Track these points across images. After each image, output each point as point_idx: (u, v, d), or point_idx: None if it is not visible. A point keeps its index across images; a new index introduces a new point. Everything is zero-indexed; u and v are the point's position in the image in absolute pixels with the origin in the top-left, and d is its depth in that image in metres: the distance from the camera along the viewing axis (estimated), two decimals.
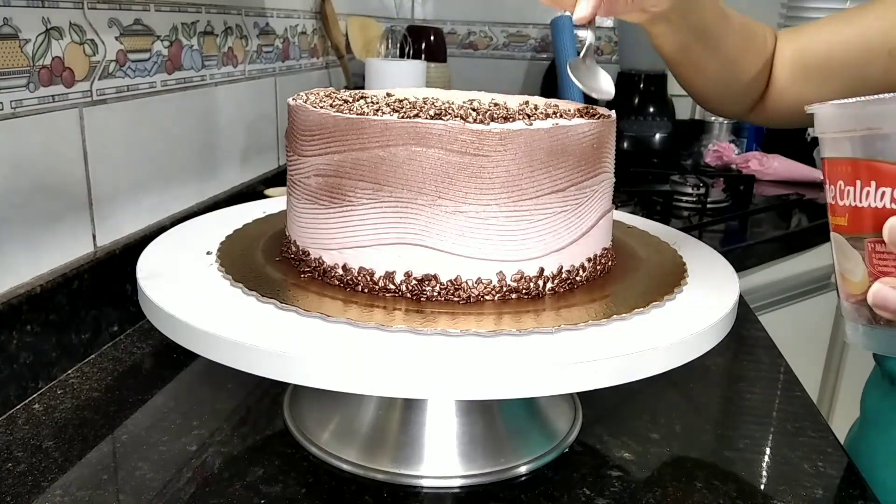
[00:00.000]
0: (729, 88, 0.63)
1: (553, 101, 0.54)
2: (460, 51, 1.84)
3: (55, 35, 0.58)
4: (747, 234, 1.15)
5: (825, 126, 0.37)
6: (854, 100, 0.35)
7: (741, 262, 1.05)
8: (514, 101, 0.53)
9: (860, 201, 0.34)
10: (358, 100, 0.49)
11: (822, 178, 0.38)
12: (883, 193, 0.33)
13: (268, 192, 0.95)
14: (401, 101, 0.48)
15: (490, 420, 0.50)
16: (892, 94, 0.33)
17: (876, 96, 0.34)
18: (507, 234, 0.43)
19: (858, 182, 0.34)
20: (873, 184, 0.33)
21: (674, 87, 1.49)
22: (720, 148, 1.49)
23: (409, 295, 0.43)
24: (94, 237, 0.65)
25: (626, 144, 1.49)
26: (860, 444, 0.65)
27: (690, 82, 0.63)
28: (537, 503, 0.45)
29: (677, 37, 0.57)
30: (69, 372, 0.59)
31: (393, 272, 0.43)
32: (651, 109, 1.51)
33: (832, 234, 0.38)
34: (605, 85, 0.50)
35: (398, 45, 1.42)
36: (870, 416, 0.66)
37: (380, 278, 0.44)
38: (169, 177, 0.77)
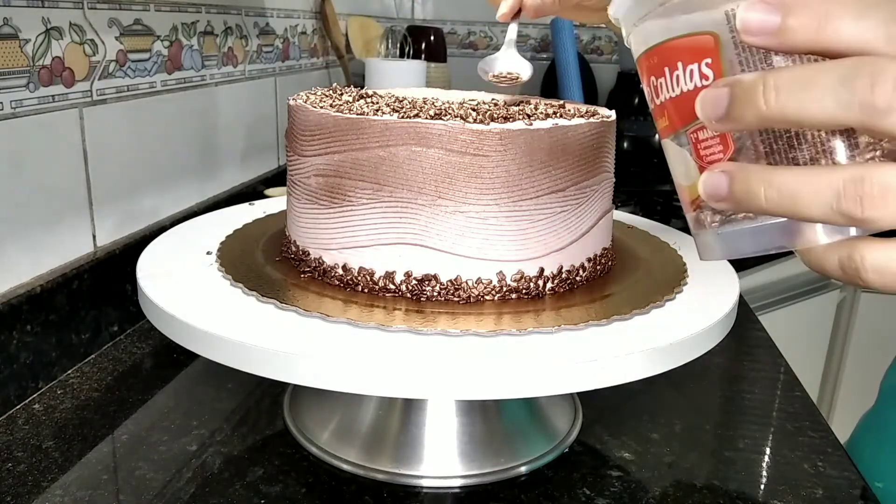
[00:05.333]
0: None
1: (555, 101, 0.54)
2: (460, 51, 1.84)
3: (55, 35, 0.58)
4: None
5: (624, 20, 0.32)
6: None
7: (741, 262, 1.05)
8: (514, 102, 0.53)
9: (672, 90, 0.29)
10: (358, 99, 0.49)
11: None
12: (691, 72, 0.28)
13: (268, 192, 0.95)
14: (401, 101, 0.48)
15: (490, 420, 0.50)
16: None
17: None
18: (507, 234, 0.43)
19: (666, 70, 0.29)
20: (679, 65, 0.28)
21: None
22: None
23: (409, 295, 0.43)
24: (94, 237, 0.65)
25: (626, 144, 1.49)
26: (875, 421, 0.66)
27: None
28: (537, 503, 0.45)
29: None
30: (69, 372, 0.59)
31: (393, 272, 0.43)
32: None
33: (662, 144, 0.33)
34: (516, 69, 0.53)
35: (398, 45, 1.42)
36: (890, 394, 0.68)
37: (380, 278, 0.44)
38: (169, 177, 0.76)
